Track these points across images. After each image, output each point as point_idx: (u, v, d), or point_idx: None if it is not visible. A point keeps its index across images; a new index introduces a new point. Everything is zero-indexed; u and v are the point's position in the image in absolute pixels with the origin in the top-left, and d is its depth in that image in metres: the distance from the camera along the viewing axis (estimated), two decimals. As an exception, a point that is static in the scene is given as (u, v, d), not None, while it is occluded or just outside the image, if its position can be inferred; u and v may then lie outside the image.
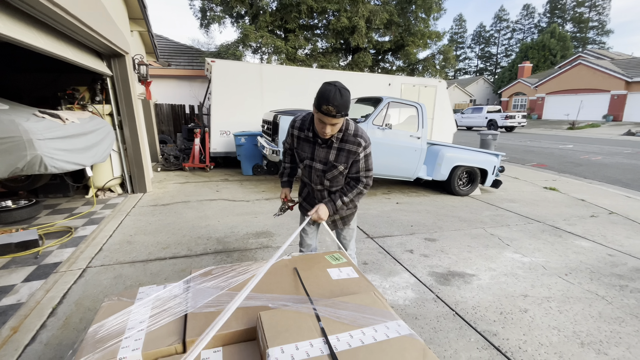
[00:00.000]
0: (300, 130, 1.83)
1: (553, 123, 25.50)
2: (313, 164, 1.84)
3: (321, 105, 1.53)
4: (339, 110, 1.52)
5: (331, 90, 1.50)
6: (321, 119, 1.60)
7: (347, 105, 1.55)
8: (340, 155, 1.77)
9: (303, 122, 1.84)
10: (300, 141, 1.84)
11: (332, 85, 1.52)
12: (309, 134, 1.79)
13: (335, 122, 1.60)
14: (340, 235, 2.16)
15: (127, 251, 2.95)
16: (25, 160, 2.74)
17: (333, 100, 1.50)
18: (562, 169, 8.65)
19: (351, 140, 1.74)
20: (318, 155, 1.80)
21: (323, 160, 1.80)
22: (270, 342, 1.02)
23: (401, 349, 1.02)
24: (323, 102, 1.52)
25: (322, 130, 1.64)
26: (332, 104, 1.50)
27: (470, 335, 2.00)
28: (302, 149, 1.85)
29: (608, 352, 1.95)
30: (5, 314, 2.04)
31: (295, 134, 1.86)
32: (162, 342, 1.13)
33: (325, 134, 1.66)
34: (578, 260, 3.20)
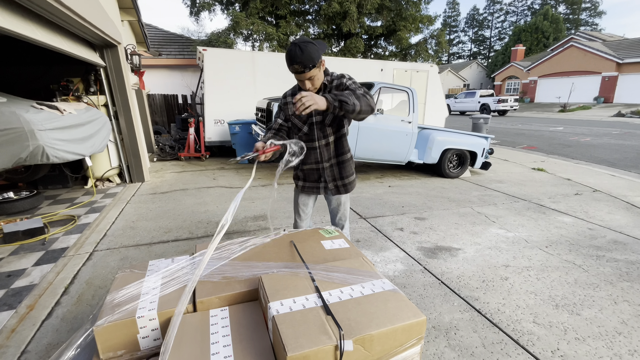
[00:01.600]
0: (293, 95, 1.90)
1: (545, 106, 25.71)
2: (313, 119, 1.88)
3: (289, 66, 1.62)
4: (305, 65, 1.58)
5: (292, 50, 1.57)
6: (297, 78, 1.69)
7: (312, 56, 1.58)
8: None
9: (293, 89, 1.95)
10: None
11: (293, 44, 1.58)
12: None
13: (309, 76, 1.66)
14: (337, 213, 2.17)
15: (130, 236, 3.09)
16: (28, 151, 2.83)
17: (295, 57, 1.56)
18: (551, 151, 8.86)
19: (336, 78, 1.82)
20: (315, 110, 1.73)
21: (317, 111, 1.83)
22: (271, 298, 1.17)
23: (385, 300, 1.17)
24: (289, 63, 1.60)
25: (304, 87, 1.71)
26: (296, 61, 1.57)
27: (454, 300, 2.18)
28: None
29: (581, 313, 2.14)
30: (20, 294, 2.17)
31: (290, 100, 1.89)
32: (174, 303, 1.27)
33: (309, 89, 1.72)
34: (559, 234, 3.40)
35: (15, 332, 1.81)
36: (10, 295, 2.15)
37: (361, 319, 1.07)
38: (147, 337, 1.22)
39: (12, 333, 1.80)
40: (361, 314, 1.10)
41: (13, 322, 1.89)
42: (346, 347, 0.97)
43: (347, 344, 0.98)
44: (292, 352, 0.93)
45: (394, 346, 1.07)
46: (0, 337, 1.77)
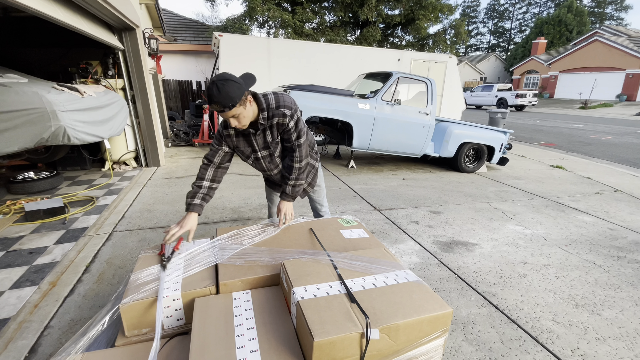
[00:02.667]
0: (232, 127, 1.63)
1: (565, 102, 24.91)
2: (259, 154, 1.79)
3: (209, 104, 1.49)
4: (223, 105, 1.44)
5: (210, 89, 1.44)
6: (221, 116, 1.55)
7: (230, 96, 1.43)
8: (273, 131, 1.72)
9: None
10: (238, 138, 1.74)
11: (211, 83, 1.44)
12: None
13: (232, 115, 1.51)
14: (313, 201, 2.23)
15: (148, 218, 3.13)
16: (50, 131, 2.87)
17: (211, 97, 1.43)
18: (570, 148, 8.60)
19: (276, 114, 1.64)
20: (258, 144, 1.75)
21: (263, 145, 1.76)
22: (295, 283, 1.16)
23: (410, 291, 1.16)
24: (208, 101, 1.47)
25: (230, 124, 1.56)
26: (213, 100, 1.44)
27: (471, 295, 2.15)
28: (242, 145, 1.76)
29: (601, 313, 2.09)
30: (42, 271, 2.23)
31: (232, 133, 1.72)
32: (197, 284, 1.28)
33: (236, 126, 1.57)
34: (579, 233, 3.31)
35: (39, 307, 1.87)
36: (33, 272, 2.21)
37: (387, 309, 1.06)
38: (171, 317, 1.24)
39: (35, 308, 1.86)
40: (386, 303, 1.08)
41: (36, 298, 1.94)
42: (372, 335, 0.96)
43: (374, 332, 0.97)
44: (319, 338, 0.92)
45: (419, 337, 1.05)
46: (24, 312, 1.83)
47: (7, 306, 1.86)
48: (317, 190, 2.19)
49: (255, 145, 1.75)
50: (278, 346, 1.02)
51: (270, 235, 1.67)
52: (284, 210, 1.80)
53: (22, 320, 1.74)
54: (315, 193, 2.20)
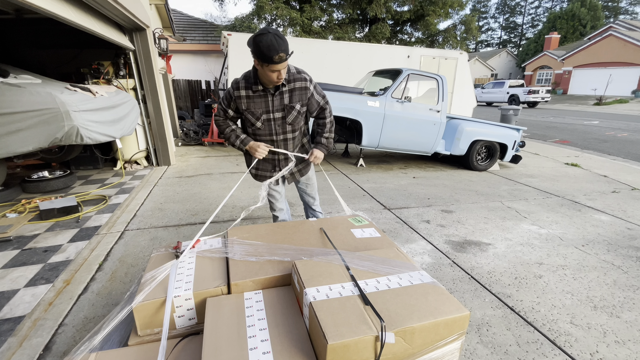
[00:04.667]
0: (247, 88, 1.79)
1: (579, 98, 24.30)
2: (271, 115, 1.85)
3: (272, 56, 1.54)
4: (287, 53, 1.58)
5: (272, 39, 1.52)
6: (272, 69, 1.62)
7: (287, 46, 1.58)
8: (293, 95, 1.83)
9: (247, 79, 1.80)
10: (251, 99, 1.80)
11: (269, 34, 1.53)
12: (258, 87, 1.77)
13: (285, 66, 1.66)
14: (304, 193, 2.30)
15: (159, 217, 3.16)
16: (64, 131, 2.92)
17: (279, 46, 1.53)
18: (585, 146, 8.39)
19: (298, 78, 1.81)
20: (275, 105, 1.82)
21: (279, 107, 1.83)
22: (307, 284, 1.15)
23: (424, 293, 1.13)
24: (272, 52, 1.53)
25: (276, 77, 1.67)
26: (281, 49, 1.54)
27: (485, 296, 2.11)
28: (255, 106, 1.82)
29: (621, 315, 2.02)
30: (57, 269, 2.27)
31: (243, 94, 1.79)
32: (209, 284, 1.27)
33: (279, 79, 1.68)
34: (596, 232, 3.22)
35: (53, 305, 1.89)
36: (47, 270, 2.25)
37: (401, 311, 1.03)
38: (183, 317, 1.23)
39: (49, 306, 1.88)
40: (401, 305, 1.06)
41: (50, 296, 1.97)
42: (388, 339, 0.94)
43: (389, 336, 0.94)
44: (333, 341, 0.90)
45: (435, 340, 1.02)
46: (39, 309, 1.86)
47: (23, 304, 1.89)
48: (310, 184, 2.27)
49: (270, 106, 1.82)
50: (291, 348, 1.01)
51: (281, 235, 1.65)
52: (316, 154, 2.01)
53: (37, 317, 1.77)
54: (308, 187, 2.28)
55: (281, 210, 2.28)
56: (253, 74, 1.78)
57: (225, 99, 1.86)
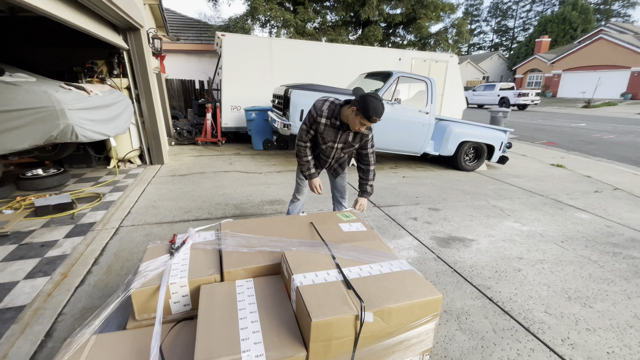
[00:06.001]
0: (328, 119, 2.15)
1: (568, 101, 24.81)
2: (335, 145, 2.26)
3: (371, 116, 1.91)
4: (380, 117, 1.95)
5: (378, 105, 1.90)
6: (363, 123, 1.98)
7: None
8: (356, 137, 2.24)
9: (331, 112, 2.14)
10: (327, 127, 2.18)
11: (377, 100, 1.90)
12: (337, 122, 2.15)
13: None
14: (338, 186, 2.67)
15: (153, 214, 3.22)
16: (59, 129, 2.97)
17: (381, 112, 1.92)
18: (572, 147, 8.62)
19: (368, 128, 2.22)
20: (341, 139, 2.23)
21: (343, 141, 2.24)
22: (294, 271, 1.24)
23: (402, 279, 1.23)
24: (373, 114, 1.90)
25: (359, 128, 2.04)
26: (380, 115, 1.93)
27: (466, 288, 2.22)
28: (327, 134, 2.20)
29: (593, 305, 2.15)
30: (54, 262, 2.32)
31: (323, 122, 2.16)
32: (203, 272, 1.36)
33: (361, 130, 2.07)
34: (575, 229, 3.37)
35: (52, 296, 1.95)
36: (45, 264, 2.30)
37: (380, 294, 1.13)
38: (178, 303, 1.31)
39: (48, 297, 1.95)
40: (380, 289, 1.16)
41: (49, 287, 2.03)
42: (366, 318, 1.04)
43: (368, 315, 1.04)
44: (316, 319, 0.99)
45: (410, 320, 1.12)
46: (38, 300, 1.92)
47: (22, 295, 1.95)
48: (344, 177, 2.66)
49: (337, 138, 2.22)
50: (279, 328, 1.10)
51: (272, 228, 1.74)
52: (361, 203, 2.39)
53: (37, 307, 1.83)
54: (342, 179, 2.66)
55: (303, 195, 2.66)
56: (338, 111, 2.13)
57: (308, 121, 2.21)
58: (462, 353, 1.65)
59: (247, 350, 1.00)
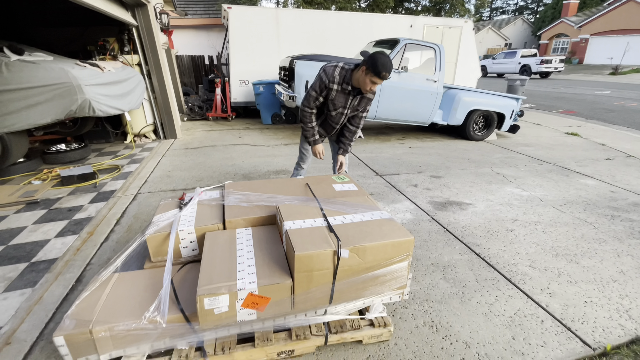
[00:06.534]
0: (339, 84, 2.14)
1: (594, 68, 23.39)
2: (345, 111, 2.28)
3: (380, 72, 1.92)
4: (390, 72, 1.97)
5: (386, 61, 1.91)
6: (374, 81, 1.99)
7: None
8: (361, 102, 2.27)
9: (342, 77, 2.13)
10: (338, 94, 2.17)
11: (384, 55, 1.92)
12: (348, 87, 2.14)
13: (381, 83, 2.03)
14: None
15: (168, 182, 3.45)
16: (77, 104, 3.17)
17: (389, 68, 1.93)
18: (591, 116, 8.32)
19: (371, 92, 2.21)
20: (351, 105, 2.24)
21: (351, 107, 2.26)
22: (285, 218, 1.40)
23: (380, 224, 1.37)
24: (382, 69, 1.91)
25: (371, 88, 2.05)
26: (389, 71, 1.93)
27: (456, 245, 2.36)
28: (338, 100, 2.20)
29: (580, 262, 2.25)
30: (81, 224, 2.59)
31: (335, 88, 2.15)
32: (208, 222, 1.55)
33: (370, 90, 2.09)
34: (577, 194, 3.39)
35: (80, 250, 2.22)
36: (73, 224, 2.57)
37: (358, 235, 1.28)
38: (187, 247, 1.51)
39: (77, 251, 2.21)
40: (358, 232, 1.31)
41: (77, 243, 2.30)
42: (343, 254, 1.20)
43: (344, 251, 1.20)
44: (299, 252, 1.16)
45: (384, 258, 1.28)
46: (68, 254, 2.18)
47: (54, 249, 2.22)
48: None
49: (348, 104, 2.23)
50: (270, 264, 1.28)
51: (271, 187, 1.90)
52: (341, 160, 2.49)
53: (68, 259, 2.10)
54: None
55: (306, 164, 2.72)
56: (349, 76, 2.12)
57: (318, 88, 2.18)
58: (443, 297, 1.81)
59: (242, 279, 1.18)
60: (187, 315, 1.20)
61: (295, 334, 1.33)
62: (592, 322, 1.68)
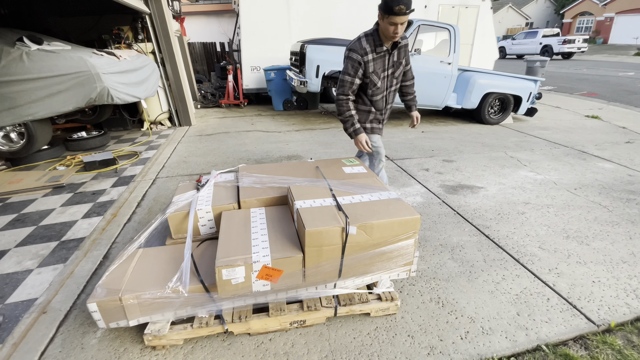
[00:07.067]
0: (372, 51, 1.90)
1: (619, 48, 22.20)
2: (387, 73, 2.02)
3: (393, 7, 1.62)
4: (408, 7, 1.64)
5: None
6: (393, 22, 1.71)
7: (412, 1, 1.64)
8: (400, 52, 2.02)
9: (372, 43, 1.89)
10: (376, 61, 1.94)
11: None
12: (382, 48, 1.90)
13: (405, 20, 1.71)
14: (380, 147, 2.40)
15: (184, 167, 3.58)
16: (96, 92, 3.29)
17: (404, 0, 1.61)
18: (613, 98, 7.98)
19: (404, 37, 2.01)
20: (389, 63, 1.99)
21: (391, 64, 2.01)
22: (296, 198, 1.47)
23: (387, 204, 1.42)
24: (394, 3, 1.61)
25: (395, 32, 1.75)
26: (403, 2, 1.61)
27: (465, 227, 2.39)
28: (377, 66, 1.96)
29: (591, 244, 2.25)
30: (105, 206, 2.74)
31: (371, 58, 1.91)
32: (224, 201, 1.63)
33: (397, 34, 1.77)
34: (594, 178, 3.33)
35: (105, 230, 2.36)
36: (98, 207, 2.72)
37: (365, 214, 1.34)
38: (205, 226, 1.61)
39: (102, 231, 2.36)
40: (366, 210, 1.37)
41: (102, 224, 2.44)
42: (350, 230, 1.26)
43: (352, 228, 1.26)
44: (309, 228, 1.23)
45: (391, 235, 1.33)
46: (95, 233, 2.33)
47: (81, 229, 2.37)
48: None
49: (387, 64, 1.98)
50: (283, 239, 1.35)
51: (282, 169, 1.97)
52: (416, 115, 2.35)
53: (95, 238, 2.24)
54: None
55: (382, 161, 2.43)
56: (377, 37, 1.88)
57: (352, 69, 1.92)
58: (450, 276, 1.86)
59: (257, 253, 1.26)
60: (206, 286, 1.30)
61: (306, 306, 1.41)
62: (598, 301, 1.70)
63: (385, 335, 1.46)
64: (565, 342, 1.48)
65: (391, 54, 1.97)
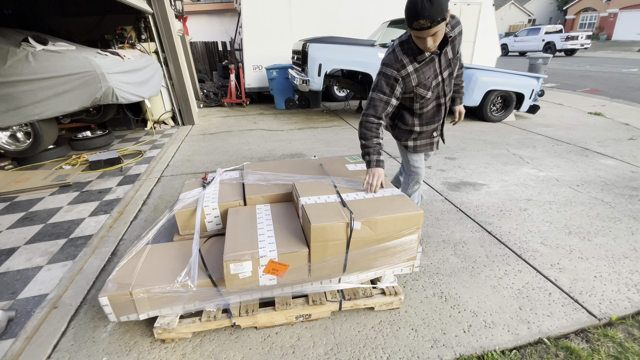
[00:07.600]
0: (414, 61, 1.53)
1: (623, 44, 22.05)
2: (441, 77, 1.63)
3: (411, 22, 1.31)
4: (433, 20, 1.27)
5: (417, 1, 1.26)
6: (418, 36, 1.38)
7: (441, 8, 1.26)
8: (454, 44, 1.60)
9: (408, 53, 1.52)
10: (420, 71, 1.56)
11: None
12: (424, 55, 1.51)
13: (434, 32, 1.33)
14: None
15: (188, 166, 3.61)
16: (101, 91, 3.32)
17: (422, 11, 1.25)
18: (617, 95, 7.95)
19: (456, 23, 1.58)
20: (441, 65, 1.59)
21: (446, 64, 1.60)
22: (302, 194, 1.50)
23: (391, 200, 1.45)
24: (412, 18, 1.30)
25: (425, 46, 1.39)
26: (423, 16, 1.26)
27: (468, 223, 2.41)
28: (425, 76, 1.58)
29: (593, 239, 2.26)
30: (111, 204, 2.78)
31: (411, 70, 1.54)
32: (230, 198, 1.66)
33: (430, 48, 1.39)
34: (596, 175, 3.34)
35: (112, 228, 2.40)
36: (104, 205, 2.76)
37: (370, 210, 1.37)
38: (211, 222, 1.64)
39: (110, 229, 2.39)
40: (370, 207, 1.39)
41: (109, 222, 2.48)
42: (355, 225, 1.28)
43: (356, 224, 1.29)
44: (314, 223, 1.26)
45: (395, 230, 1.36)
46: (102, 231, 2.37)
47: (89, 227, 2.41)
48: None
49: (438, 68, 1.59)
50: (289, 235, 1.38)
51: (287, 166, 2.00)
52: (461, 110, 2.02)
53: (102, 235, 2.28)
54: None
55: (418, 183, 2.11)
56: (413, 44, 1.51)
57: (387, 86, 1.55)
58: (453, 271, 1.89)
59: (263, 247, 1.29)
60: (214, 280, 1.33)
61: (312, 300, 1.44)
62: (599, 295, 1.72)
63: (389, 328, 1.49)
64: (567, 335, 1.50)
65: (442, 53, 1.55)
